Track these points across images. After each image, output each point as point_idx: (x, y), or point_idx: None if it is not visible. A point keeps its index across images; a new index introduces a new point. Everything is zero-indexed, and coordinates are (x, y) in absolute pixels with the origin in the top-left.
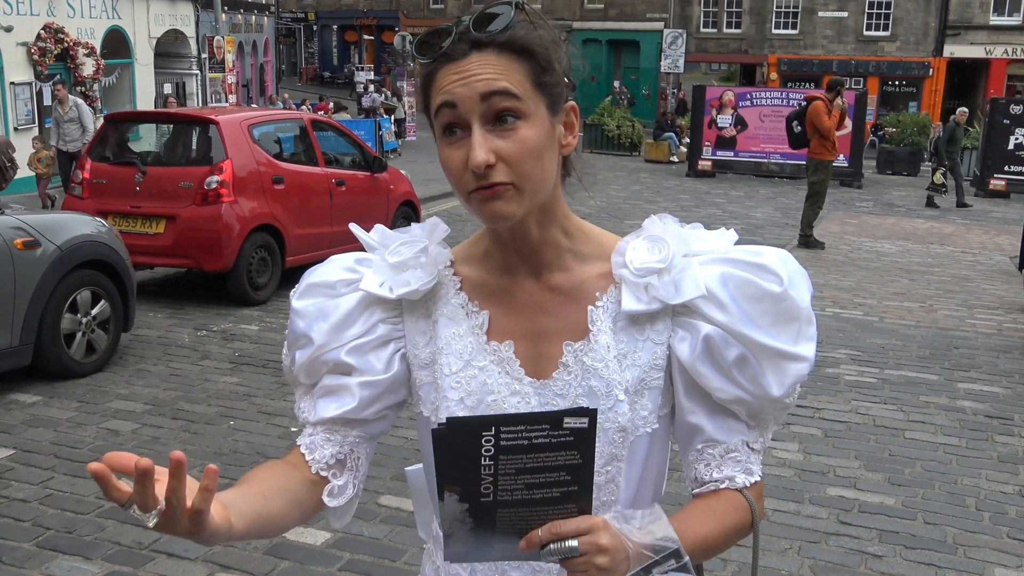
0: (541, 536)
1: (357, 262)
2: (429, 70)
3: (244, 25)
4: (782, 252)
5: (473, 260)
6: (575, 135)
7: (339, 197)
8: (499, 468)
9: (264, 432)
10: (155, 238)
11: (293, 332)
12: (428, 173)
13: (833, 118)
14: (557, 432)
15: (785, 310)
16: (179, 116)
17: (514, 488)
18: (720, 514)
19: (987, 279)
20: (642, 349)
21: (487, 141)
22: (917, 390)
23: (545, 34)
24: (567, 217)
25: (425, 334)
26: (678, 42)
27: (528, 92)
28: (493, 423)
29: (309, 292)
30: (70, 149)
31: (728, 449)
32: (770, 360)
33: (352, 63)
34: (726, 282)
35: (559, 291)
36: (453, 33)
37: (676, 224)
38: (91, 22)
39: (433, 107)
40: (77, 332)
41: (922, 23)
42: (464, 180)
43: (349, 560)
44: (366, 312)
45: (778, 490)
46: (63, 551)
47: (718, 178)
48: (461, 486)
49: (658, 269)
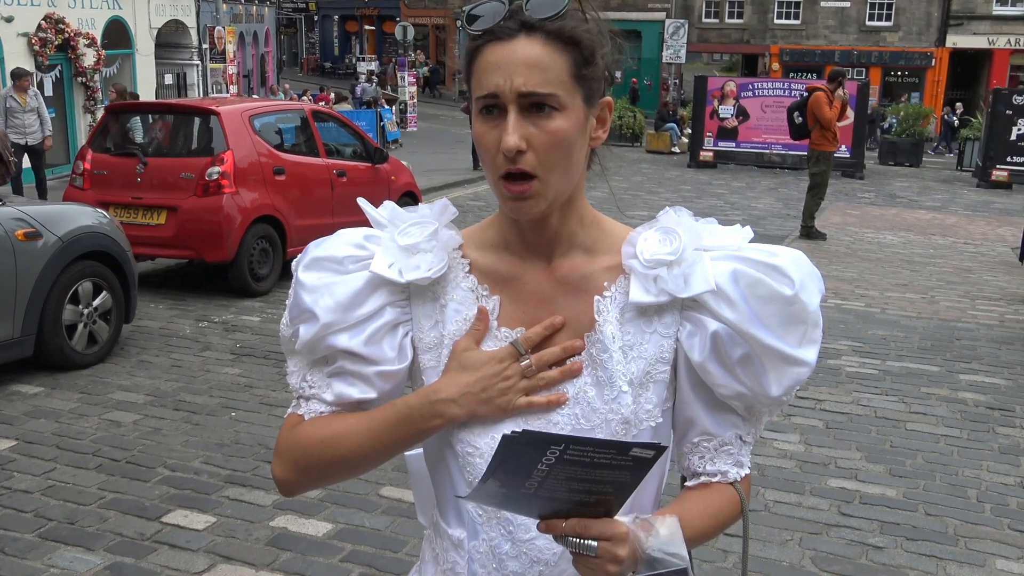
0: (565, 529)
1: (366, 238)
2: (476, 45)
3: (245, 15)
4: (797, 253)
5: (484, 246)
6: (606, 129)
7: (340, 188)
8: (551, 473)
9: (266, 423)
10: (156, 229)
11: (297, 305)
12: (430, 164)
13: (834, 109)
14: (621, 457)
15: (794, 313)
16: (180, 107)
17: (558, 489)
18: (715, 509)
19: (989, 270)
20: (649, 341)
21: (521, 127)
22: (918, 381)
23: (593, 26)
24: (585, 208)
25: (431, 317)
26: (680, 32)
27: (567, 84)
28: (564, 441)
29: (315, 265)
30: (29, 142)
31: (723, 442)
32: (773, 361)
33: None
34: (737, 279)
35: (567, 283)
36: (506, 9)
37: (690, 218)
38: (92, 12)
39: (475, 89)
40: (79, 323)
41: (925, 13)
42: (496, 161)
43: (351, 551)
44: (374, 294)
45: (779, 481)
46: (65, 542)
47: (720, 169)
48: (506, 481)
49: (668, 261)
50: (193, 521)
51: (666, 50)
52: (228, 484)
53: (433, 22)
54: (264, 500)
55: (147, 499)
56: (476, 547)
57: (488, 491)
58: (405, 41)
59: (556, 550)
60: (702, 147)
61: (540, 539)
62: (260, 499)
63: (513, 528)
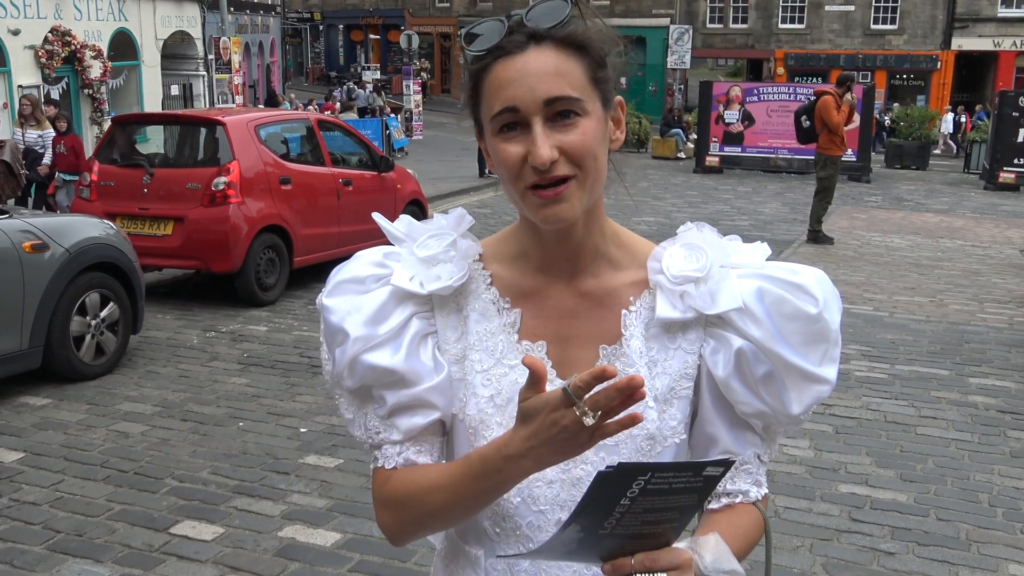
0: (634, 566)
1: (385, 256)
2: (483, 64)
3: (250, 26)
4: (819, 272)
5: (505, 259)
6: (623, 130)
7: (346, 197)
8: (632, 508)
9: (273, 433)
10: (163, 240)
11: (328, 329)
12: (436, 172)
13: (842, 113)
14: (695, 479)
15: (817, 331)
16: (185, 118)
17: (632, 524)
18: (744, 531)
19: (998, 273)
20: (673, 357)
21: (549, 138)
22: (928, 385)
23: (600, 30)
24: (606, 221)
25: (456, 329)
26: (684, 38)
27: (586, 89)
28: (650, 470)
29: (338, 290)
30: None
31: (743, 461)
32: (794, 379)
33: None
34: (762, 297)
35: (590, 297)
36: (506, 26)
37: (715, 234)
38: (98, 24)
39: (488, 107)
40: (86, 334)
41: (930, 16)
42: (523, 175)
43: (359, 561)
44: (399, 306)
45: (789, 487)
46: (73, 554)
47: (726, 174)
48: (589, 521)
49: (695, 278)
50: (201, 532)
51: (671, 56)
52: (236, 494)
53: (438, 31)
54: (272, 510)
55: (155, 510)
56: (493, 564)
57: (563, 539)
58: (410, 50)
59: (575, 568)
60: (708, 152)
61: None
62: (268, 509)
63: (532, 545)
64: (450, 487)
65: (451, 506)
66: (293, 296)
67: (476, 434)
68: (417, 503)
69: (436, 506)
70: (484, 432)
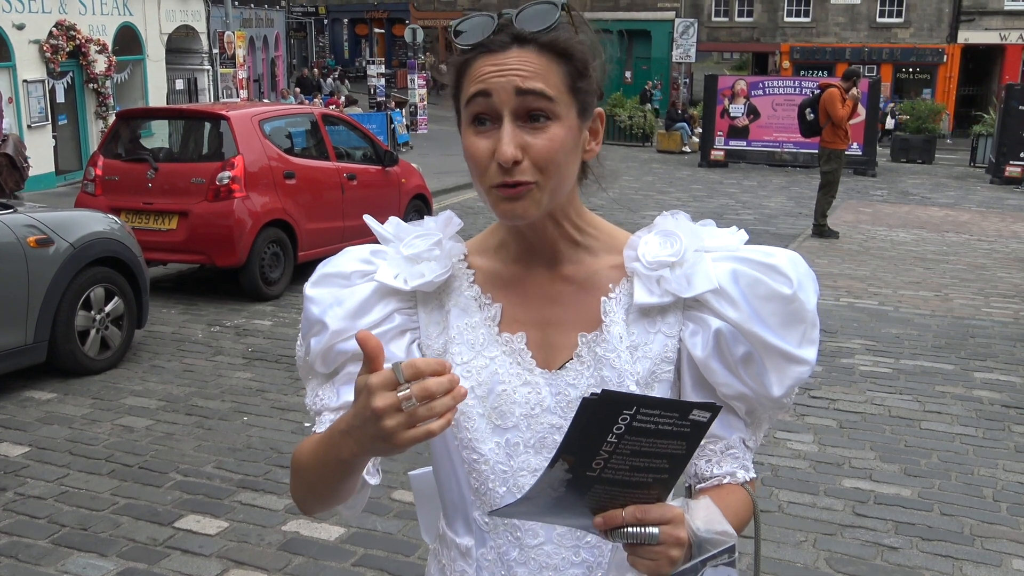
0: (624, 518)
1: (372, 254)
2: (466, 58)
3: (255, 20)
4: (793, 254)
5: (487, 251)
6: (599, 142)
7: (350, 191)
8: (619, 447)
9: (278, 427)
10: (168, 234)
11: (307, 319)
12: (440, 166)
13: (846, 107)
14: (682, 421)
15: (793, 312)
16: (190, 112)
17: (620, 468)
18: (734, 507)
19: (1003, 267)
20: (653, 341)
21: (516, 136)
22: (933, 380)
23: (586, 39)
24: (580, 215)
25: (438, 324)
26: (690, 31)
27: (562, 95)
28: (636, 403)
29: (323, 281)
30: None
31: (728, 445)
32: (774, 360)
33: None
34: (737, 279)
35: (571, 281)
36: (495, 24)
37: (688, 220)
38: (103, 19)
39: (465, 95)
40: (91, 329)
41: (936, 9)
42: (489, 172)
43: (363, 555)
44: (381, 302)
45: (793, 482)
46: (78, 548)
47: (731, 168)
48: (577, 457)
49: (670, 263)
50: (205, 526)
51: (676, 49)
52: (240, 489)
53: (443, 24)
54: (276, 504)
55: (160, 504)
56: (484, 555)
57: (550, 480)
58: (415, 43)
59: (564, 555)
60: (713, 146)
61: (548, 544)
62: (272, 503)
63: (521, 534)
64: (313, 454)
65: (315, 475)
66: (297, 291)
67: (457, 425)
68: (302, 470)
69: (311, 474)
70: (465, 423)
